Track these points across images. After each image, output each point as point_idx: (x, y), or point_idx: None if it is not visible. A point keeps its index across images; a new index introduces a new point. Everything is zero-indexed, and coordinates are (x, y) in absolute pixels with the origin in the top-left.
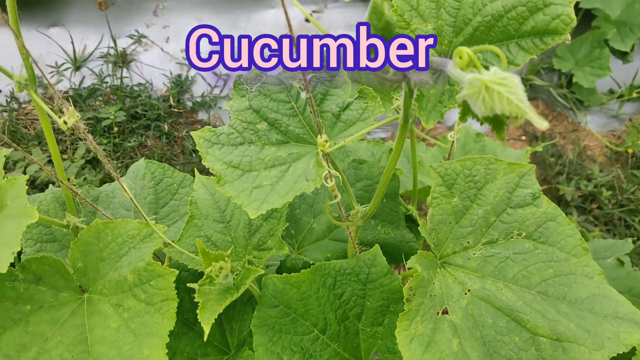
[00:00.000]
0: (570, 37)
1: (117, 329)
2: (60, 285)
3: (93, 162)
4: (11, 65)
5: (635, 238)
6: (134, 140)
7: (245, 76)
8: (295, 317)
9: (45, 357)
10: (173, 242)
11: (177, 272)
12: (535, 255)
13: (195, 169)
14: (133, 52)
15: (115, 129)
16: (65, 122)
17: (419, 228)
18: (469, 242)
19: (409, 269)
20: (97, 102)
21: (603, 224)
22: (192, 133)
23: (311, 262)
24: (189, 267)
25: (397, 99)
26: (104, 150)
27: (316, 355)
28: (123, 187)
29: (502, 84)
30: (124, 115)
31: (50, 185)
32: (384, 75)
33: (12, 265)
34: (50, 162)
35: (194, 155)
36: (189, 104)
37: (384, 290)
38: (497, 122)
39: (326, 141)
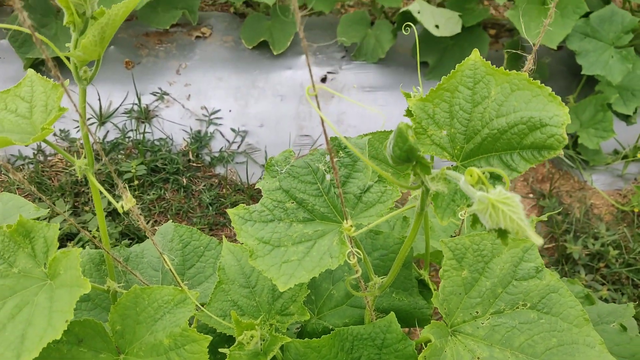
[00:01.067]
0: (566, 137)
1: None
2: (100, 347)
3: (113, 214)
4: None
5: (638, 302)
6: (153, 193)
7: (276, 158)
8: None
9: None
10: (203, 305)
11: (210, 338)
12: (539, 325)
13: (224, 237)
14: (156, 108)
15: (136, 182)
16: (122, 207)
17: (432, 299)
18: (477, 312)
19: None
20: (120, 156)
21: (611, 282)
22: (227, 210)
23: (330, 327)
24: (217, 330)
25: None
26: None
27: None
28: (160, 253)
29: (505, 203)
30: (145, 169)
31: (87, 247)
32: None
33: None
34: (73, 214)
35: (210, 208)
36: (207, 158)
37: (399, 355)
38: (501, 233)
39: (351, 226)
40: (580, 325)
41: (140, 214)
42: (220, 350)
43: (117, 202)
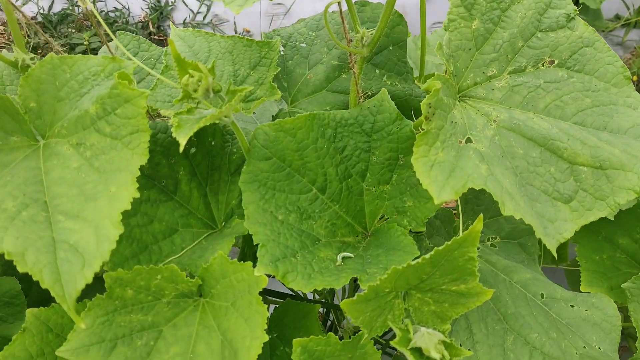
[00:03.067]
0: None
1: (79, 169)
2: (9, 127)
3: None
4: None
5: None
6: None
7: None
8: (290, 172)
9: None
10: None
11: (147, 92)
12: (569, 84)
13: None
14: None
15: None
16: None
17: (435, 50)
18: (492, 71)
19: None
20: (69, 29)
21: None
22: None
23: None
24: (168, 126)
25: None
26: None
27: (314, 217)
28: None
29: None
30: (99, 42)
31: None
32: None
33: None
34: None
35: None
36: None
37: (392, 139)
38: None
39: None
40: (620, 84)
41: None
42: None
43: None
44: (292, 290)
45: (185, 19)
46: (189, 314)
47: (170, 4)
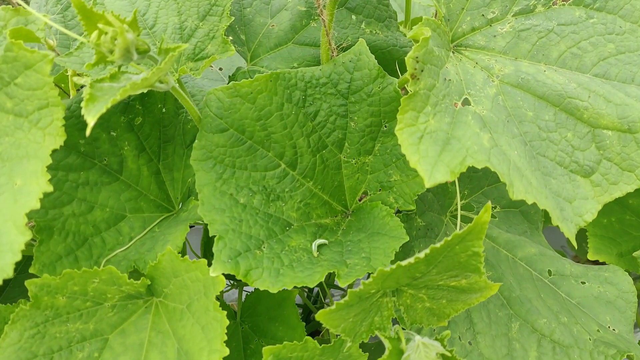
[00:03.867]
0: None
1: None
2: None
3: None
4: None
5: None
6: None
7: None
8: (252, 145)
9: None
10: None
11: (51, 55)
12: (589, 26)
13: None
14: None
15: None
16: None
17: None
18: (494, 13)
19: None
20: None
21: None
22: None
23: None
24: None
25: None
26: None
27: (284, 197)
28: None
29: None
30: None
31: None
32: None
33: None
34: None
35: None
36: None
37: (374, 101)
38: None
39: None
40: None
41: None
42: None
43: None
44: None
45: None
46: (139, 317)
47: None
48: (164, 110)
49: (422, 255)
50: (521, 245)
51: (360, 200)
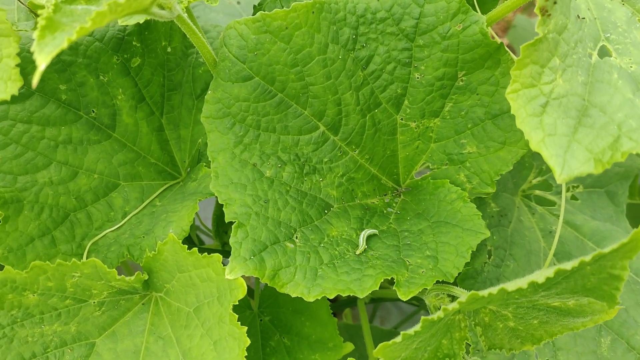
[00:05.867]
0: None
1: None
2: None
3: None
4: None
5: None
6: None
7: None
8: (284, 99)
9: None
10: None
11: None
12: None
13: None
14: None
15: None
16: None
17: None
18: None
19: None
20: None
21: None
22: None
23: None
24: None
25: None
26: None
27: (322, 169)
28: None
29: None
30: None
31: None
32: None
33: None
34: None
35: None
36: None
37: (450, 46)
38: None
39: None
40: None
41: None
42: None
43: None
44: None
45: None
46: (134, 317)
47: None
48: (169, 49)
49: (541, 279)
50: (611, 236)
51: (417, 176)
